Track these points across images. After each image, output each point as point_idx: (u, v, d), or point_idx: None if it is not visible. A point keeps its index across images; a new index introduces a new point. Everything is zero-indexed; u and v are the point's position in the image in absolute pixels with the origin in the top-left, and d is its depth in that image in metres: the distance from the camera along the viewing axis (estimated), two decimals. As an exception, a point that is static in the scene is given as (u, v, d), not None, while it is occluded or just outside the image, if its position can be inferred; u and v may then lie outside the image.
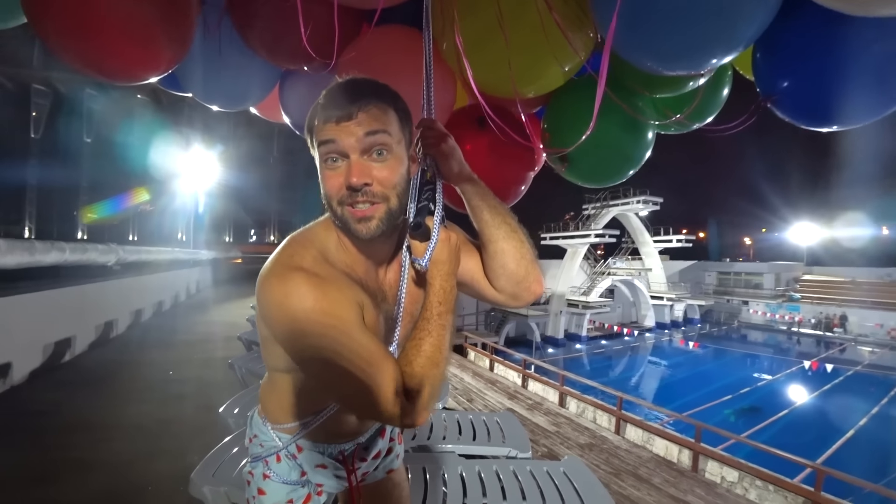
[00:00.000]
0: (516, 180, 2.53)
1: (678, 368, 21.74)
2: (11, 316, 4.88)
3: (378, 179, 0.83)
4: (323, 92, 0.88)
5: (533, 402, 6.74)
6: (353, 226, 0.85)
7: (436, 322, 0.87)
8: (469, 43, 1.90)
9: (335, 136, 0.82)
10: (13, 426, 3.74)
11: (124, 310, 7.99)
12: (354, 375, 0.79)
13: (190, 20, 2.23)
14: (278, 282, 0.81)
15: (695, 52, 1.64)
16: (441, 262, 0.90)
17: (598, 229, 26.19)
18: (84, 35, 1.95)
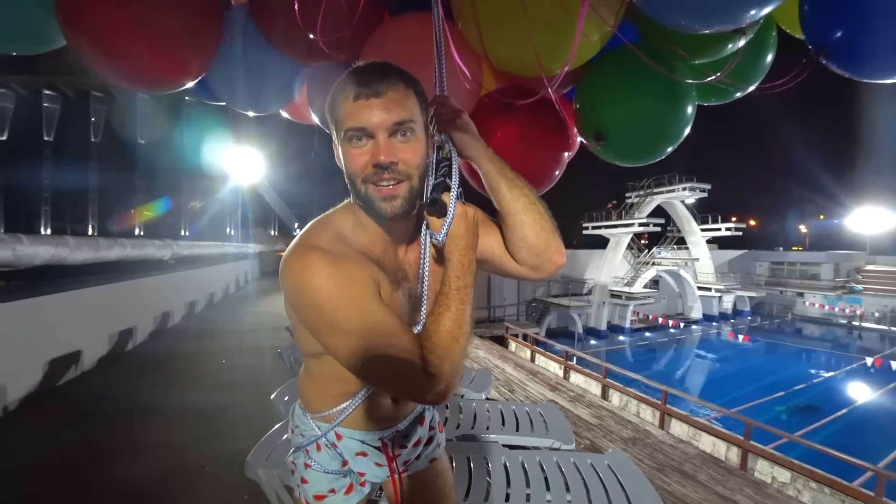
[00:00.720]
0: (550, 163, 2.46)
1: (727, 363, 20.92)
2: (81, 307, 5.25)
3: (403, 159, 0.87)
4: (346, 73, 0.90)
5: (575, 394, 6.66)
6: (377, 204, 0.88)
7: (454, 297, 0.87)
8: (488, 20, 1.85)
9: (362, 115, 0.85)
10: (84, 409, 4.03)
11: (179, 302, 8.43)
12: (371, 348, 0.82)
13: (215, 29, 2.38)
14: (295, 260, 0.86)
15: (730, 2, 1.49)
16: (458, 236, 0.89)
17: (642, 218, 25.38)
18: (116, 52, 2.11)
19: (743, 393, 14.66)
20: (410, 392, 0.87)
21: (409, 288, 1.00)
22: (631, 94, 2.19)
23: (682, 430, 6.32)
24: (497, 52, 1.99)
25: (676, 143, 2.33)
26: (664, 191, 26.71)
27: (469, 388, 2.84)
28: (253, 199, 23.20)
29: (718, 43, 1.93)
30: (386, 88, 0.86)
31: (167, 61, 2.26)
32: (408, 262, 1.01)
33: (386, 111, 0.85)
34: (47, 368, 4.47)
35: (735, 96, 2.36)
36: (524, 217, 0.99)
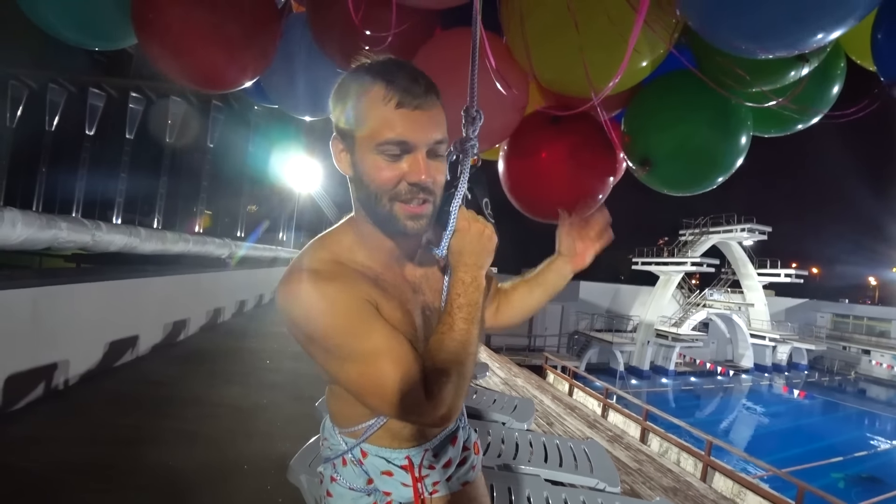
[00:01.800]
0: (595, 186, 2.41)
1: (778, 418, 19.58)
2: (144, 295, 5.56)
3: (435, 179, 0.85)
4: (376, 71, 0.82)
5: (613, 434, 6.39)
6: (402, 222, 0.84)
7: (457, 315, 0.84)
8: (536, 36, 1.81)
9: (406, 127, 0.80)
10: (137, 393, 4.23)
11: (231, 299, 8.78)
12: (366, 374, 0.80)
13: (273, 35, 2.56)
14: (288, 284, 0.83)
15: (794, 26, 1.40)
16: (462, 251, 0.87)
17: (696, 257, 24.47)
18: (180, 52, 2.32)
19: (795, 453, 13.66)
20: (410, 416, 0.85)
21: (425, 301, 0.97)
22: (681, 119, 2.14)
23: (725, 485, 5.92)
24: (544, 70, 1.96)
25: (728, 173, 2.24)
26: (721, 230, 25.69)
27: (511, 417, 2.78)
28: (307, 205, 24.05)
29: (779, 70, 1.85)
30: (431, 104, 0.82)
31: (226, 63, 2.46)
32: (420, 275, 0.99)
33: (431, 128, 0.82)
34: (107, 349, 4.73)
35: (796, 127, 2.27)
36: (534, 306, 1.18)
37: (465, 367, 0.83)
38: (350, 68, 0.87)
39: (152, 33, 2.29)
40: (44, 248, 3.83)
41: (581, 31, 1.64)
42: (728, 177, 2.23)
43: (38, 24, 2.46)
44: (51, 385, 3.90)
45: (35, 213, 3.48)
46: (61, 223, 3.69)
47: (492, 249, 0.90)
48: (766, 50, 1.55)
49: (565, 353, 23.07)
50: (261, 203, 25.66)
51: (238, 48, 2.41)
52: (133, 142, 27.00)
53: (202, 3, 2.25)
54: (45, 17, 2.43)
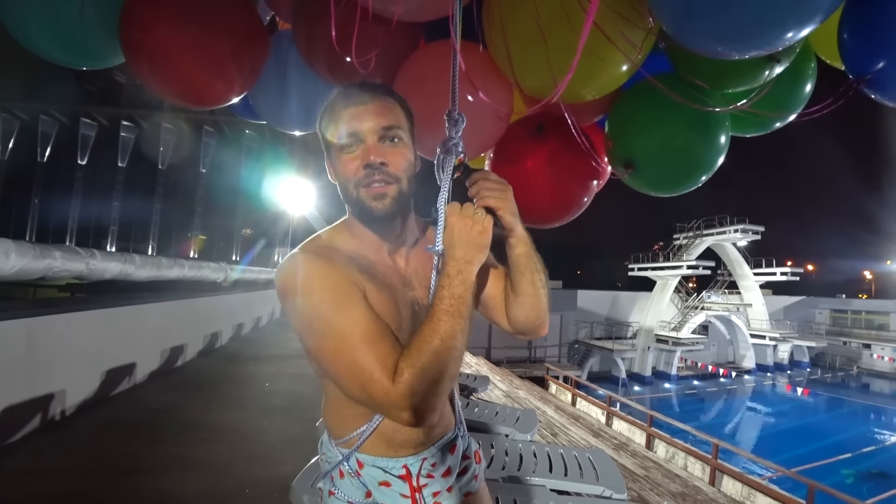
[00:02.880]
0: (578, 191, 2.46)
1: (783, 417, 19.50)
2: (140, 322, 5.53)
3: (391, 162, 0.92)
4: (335, 91, 0.99)
5: (618, 441, 6.35)
6: (368, 203, 0.93)
7: (439, 308, 0.85)
8: (517, 47, 1.88)
9: (353, 122, 0.92)
10: (135, 420, 4.18)
11: (228, 323, 8.73)
12: (342, 351, 0.83)
13: (261, 52, 2.57)
14: (283, 265, 0.92)
15: (763, 27, 1.46)
16: (452, 245, 0.90)
17: (691, 260, 24.57)
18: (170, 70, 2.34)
19: (802, 452, 13.59)
20: (380, 406, 0.85)
21: (414, 297, 1.00)
22: (661, 122, 2.18)
23: (734, 488, 5.87)
24: (525, 78, 2.03)
25: (709, 173, 2.28)
26: (714, 232, 25.85)
27: (514, 429, 2.76)
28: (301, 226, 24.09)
29: (752, 71, 1.92)
30: (373, 98, 0.94)
31: (214, 79, 2.49)
32: (411, 269, 1.04)
33: (374, 116, 0.92)
34: (104, 378, 4.68)
35: (774, 126, 2.32)
36: (533, 299, 1.05)
37: (443, 360, 0.82)
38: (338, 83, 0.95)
39: (140, 52, 2.31)
40: (38, 278, 3.81)
41: (549, 43, 1.72)
42: (710, 175, 2.28)
43: (23, 43, 2.44)
44: (47, 416, 3.85)
45: (29, 242, 3.47)
46: (55, 252, 3.68)
47: (482, 244, 0.91)
48: (737, 51, 1.60)
49: (566, 362, 22.98)
50: (255, 225, 25.69)
51: (226, 65, 2.43)
52: (125, 170, 27.12)
53: (189, 21, 2.26)
54: (32, 37, 2.42)
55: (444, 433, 1.09)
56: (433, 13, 1.88)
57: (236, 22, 2.39)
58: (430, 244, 0.98)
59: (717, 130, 2.17)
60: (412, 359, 0.81)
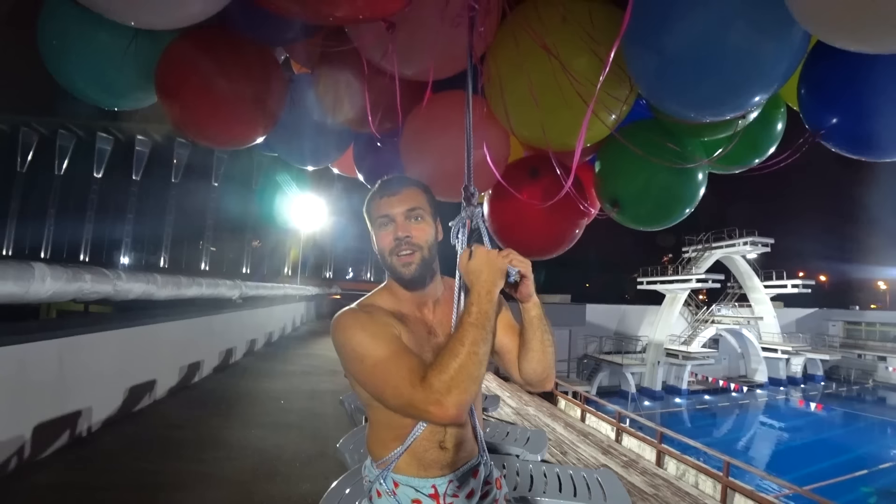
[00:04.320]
0: (569, 227, 2.71)
1: (797, 433, 19.18)
2: (161, 339, 5.70)
3: (415, 235, 1.19)
4: (376, 184, 1.26)
5: (628, 458, 6.37)
6: (399, 269, 1.19)
7: (467, 321, 1.04)
8: (513, 103, 2.14)
9: (386, 207, 1.20)
10: (157, 437, 4.32)
11: (241, 339, 8.89)
12: (378, 368, 1.05)
13: (281, 98, 2.79)
14: (337, 319, 1.16)
15: (729, 95, 1.68)
16: (476, 270, 1.11)
17: (700, 273, 24.37)
18: (200, 115, 2.59)
19: (817, 469, 13.37)
20: (412, 405, 1.00)
21: (437, 342, 1.22)
22: (644, 164, 2.35)
23: (747, 507, 5.85)
24: (521, 130, 2.29)
25: (692, 206, 2.51)
26: (723, 245, 25.66)
27: (525, 449, 2.85)
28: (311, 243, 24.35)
29: (725, 123, 2.12)
30: (402, 189, 1.22)
31: (239, 124, 2.72)
32: (437, 320, 1.27)
33: (402, 203, 1.20)
34: (127, 394, 4.84)
35: (753, 162, 2.48)
36: (541, 355, 1.23)
37: (468, 362, 0.98)
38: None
39: (174, 98, 2.54)
40: (69, 301, 3.99)
41: (539, 102, 1.98)
42: (693, 209, 2.51)
43: (66, 88, 2.65)
44: (75, 432, 4.01)
45: (62, 266, 3.65)
46: (86, 275, 3.86)
47: (503, 269, 1.13)
48: (707, 115, 1.85)
49: (575, 377, 22.87)
50: (265, 240, 25.99)
51: (250, 111, 2.65)
52: (139, 183, 27.62)
53: (218, 71, 2.46)
54: (74, 82, 2.64)
55: (468, 458, 1.25)
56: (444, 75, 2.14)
57: (261, 71, 2.59)
58: (452, 297, 1.23)
59: (696, 170, 2.39)
60: (439, 364, 1.00)
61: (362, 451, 2.28)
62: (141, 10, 1.81)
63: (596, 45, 1.83)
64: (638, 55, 1.76)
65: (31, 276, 3.29)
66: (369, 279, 28.62)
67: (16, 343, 3.44)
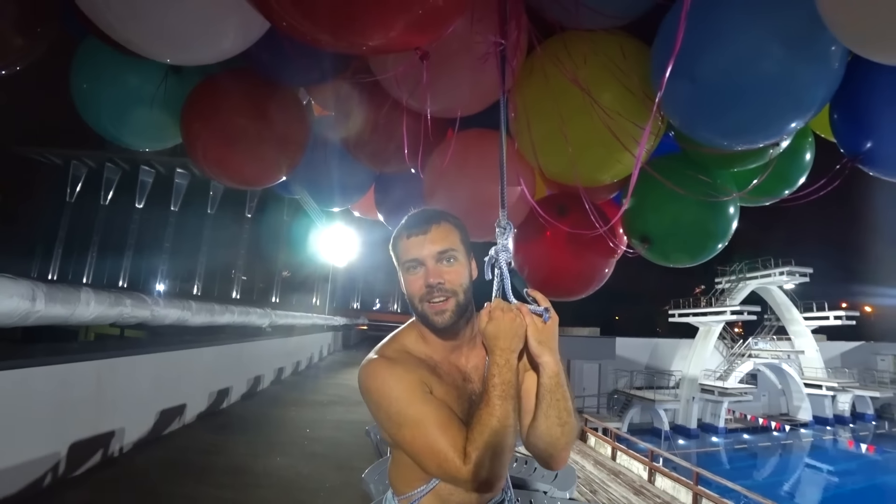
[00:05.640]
0: (599, 266, 2.63)
1: (848, 476, 17.89)
2: (193, 364, 5.84)
3: (448, 280, 1.08)
4: (404, 219, 1.15)
5: (662, 500, 6.08)
6: (431, 318, 1.08)
7: (493, 393, 1.00)
8: (541, 142, 2.12)
9: (414, 250, 1.09)
10: (186, 461, 4.37)
11: (269, 367, 9.00)
12: (417, 437, 1.00)
13: (303, 140, 2.84)
14: (364, 368, 1.09)
15: (763, 123, 1.65)
16: (496, 336, 1.05)
17: (735, 305, 23.37)
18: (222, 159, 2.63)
19: (872, 517, 12.38)
20: (454, 480, 0.99)
21: (472, 388, 1.15)
22: (674, 198, 2.31)
23: (794, 557, 5.45)
24: (549, 166, 2.28)
25: (724, 241, 2.44)
26: (759, 275, 24.68)
27: (553, 486, 2.76)
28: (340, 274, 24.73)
29: (756, 153, 2.09)
30: (431, 226, 1.10)
31: (261, 166, 2.76)
32: (471, 366, 1.17)
33: (432, 244, 1.09)
34: (158, 417, 4.95)
35: (783, 194, 2.44)
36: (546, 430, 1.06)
37: (501, 438, 0.97)
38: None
39: (197, 141, 2.62)
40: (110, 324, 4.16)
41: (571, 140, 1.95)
42: (725, 244, 2.44)
43: (96, 130, 2.81)
44: (108, 452, 4.11)
45: (105, 291, 3.83)
46: (126, 300, 4.03)
47: (522, 334, 1.06)
48: (741, 144, 1.81)
49: (605, 413, 22.04)
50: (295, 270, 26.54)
51: (272, 154, 2.71)
52: (177, 214, 28.85)
53: (242, 114, 2.53)
54: (104, 125, 2.78)
55: (492, 496, 1.21)
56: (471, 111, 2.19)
57: (285, 112, 2.66)
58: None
59: (727, 203, 2.34)
60: (476, 441, 0.97)
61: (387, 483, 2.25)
62: (175, 46, 1.87)
63: (626, 79, 1.84)
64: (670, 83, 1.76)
65: (77, 300, 3.46)
66: (396, 311, 28.73)
67: (58, 363, 3.60)
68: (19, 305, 2.88)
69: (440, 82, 1.89)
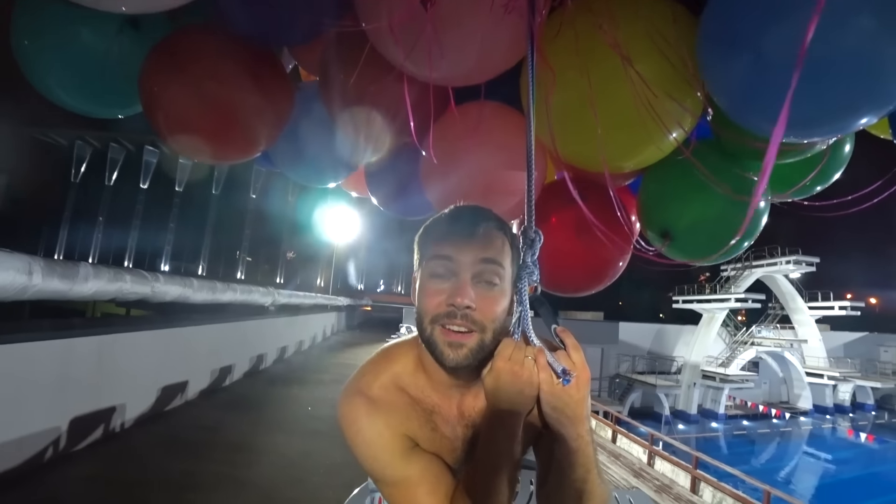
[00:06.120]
0: (614, 259, 2.33)
1: (845, 465, 17.99)
2: (193, 342, 5.85)
3: (481, 307, 0.78)
4: (447, 209, 0.88)
5: (661, 483, 6.10)
6: (441, 347, 0.79)
7: (483, 461, 0.80)
8: (561, 118, 1.80)
9: (452, 252, 0.80)
10: (187, 438, 4.40)
11: (273, 346, 9.05)
12: (395, 497, 0.86)
13: (286, 107, 2.41)
14: (343, 402, 0.88)
15: (831, 116, 1.36)
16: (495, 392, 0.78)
17: (740, 293, 23.28)
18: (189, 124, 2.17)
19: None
20: None
21: (475, 435, 0.90)
22: (699, 190, 2.05)
23: (790, 541, 5.49)
24: (566, 148, 1.95)
25: (751, 239, 2.18)
26: (764, 264, 24.53)
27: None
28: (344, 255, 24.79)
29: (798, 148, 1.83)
30: (481, 227, 0.82)
31: (235, 137, 2.32)
32: (480, 410, 0.90)
33: (476, 249, 0.80)
34: (160, 394, 4.98)
35: (815, 190, 2.19)
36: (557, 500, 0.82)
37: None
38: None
39: (158, 110, 2.18)
40: (109, 300, 4.15)
41: (600, 113, 1.65)
42: (752, 242, 2.19)
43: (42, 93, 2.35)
44: (109, 427, 4.13)
45: (104, 266, 3.80)
46: (126, 276, 4.00)
47: (530, 394, 0.76)
48: (798, 137, 1.51)
49: (607, 397, 22.23)
50: (300, 251, 26.59)
51: (248, 122, 2.28)
52: (181, 194, 28.89)
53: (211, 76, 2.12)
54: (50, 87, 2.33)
55: None
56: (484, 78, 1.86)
57: (261, 77, 2.23)
58: None
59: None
60: None
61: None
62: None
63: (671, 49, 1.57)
64: (721, 59, 1.45)
65: (76, 275, 3.44)
66: (400, 292, 28.75)
67: (60, 338, 3.60)
68: (16, 279, 2.85)
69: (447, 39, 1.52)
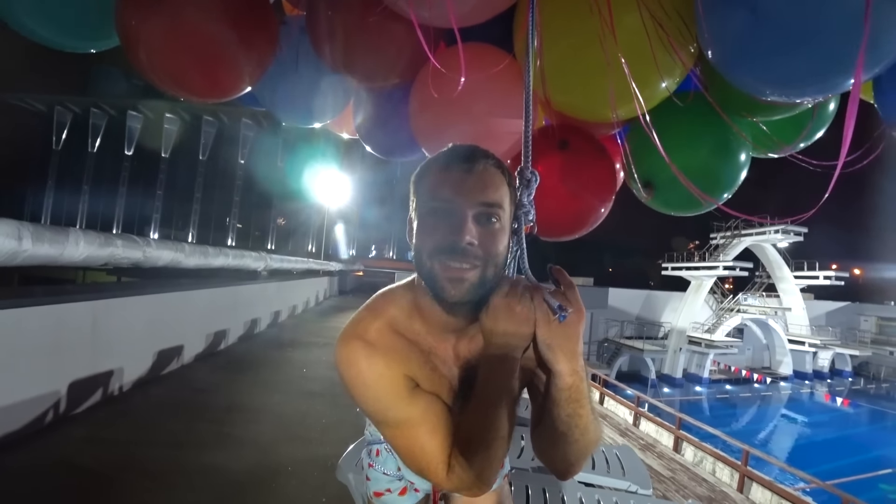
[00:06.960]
0: (599, 205, 2.40)
1: (820, 428, 18.80)
2: (189, 306, 5.87)
3: (483, 244, 0.80)
4: (444, 148, 0.88)
5: (645, 442, 6.35)
6: (440, 283, 0.81)
7: (481, 396, 0.83)
8: (554, 63, 1.79)
9: (450, 188, 0.81)
10: (184, 399, 4.47)
11: (266, 310, 9.10)
12: (398, 439, 0.89)
13: (270, 42, 2.32)
14: (341, 347, 0.89)
15: (821, 75, 1.36)
16: (491, 330, 0.82)
17: (728, 261, 23.73)
18: (170, 58, 2.10)
19: (839, 465, 13.14)
20: (438, 483, 0.90)
21: (472, 377, 0.91)
22: (683, 144, 2.10)
23: (764, 497, 5.77)
24: (559, 95, 1.96)
25: (730, 191, 2.24)
26: (753, 233, 24.85)
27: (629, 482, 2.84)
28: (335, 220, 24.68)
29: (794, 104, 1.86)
30: (481, 167, 0.83)
31: (218, 72, 2.24)
32: (476, 350, 0.92)
33: (477, 188, 0.81)
34: (156, 358, 5.02)
35: (798, 147, 2.22)
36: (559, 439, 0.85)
37: (489, 450, 0.83)
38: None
39: (137, 43, 2.08)
40: (101, 265, 4.13)
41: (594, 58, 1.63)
42: (732, 194, 2.24)
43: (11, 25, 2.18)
44: (107, 391, 4.18)
45: (95, 231, 3.76)
46: (117, 241, 3.97)
47: (526, 331, 0.81)
48: (788, 96, 1.52)
49: (595, 360, 22.81)
50: (290, 216, 26.38)
51: (231, 57, 2.20)
52: (168, 160, 28.28)
53: (191, 8, 2.04)
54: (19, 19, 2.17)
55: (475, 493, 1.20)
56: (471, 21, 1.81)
57: (243, 9, 2.15)
58: None
59: (739, 150, 2.14)
60: (462, 454, 0.85)
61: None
62: None
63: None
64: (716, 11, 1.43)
65: (66, 240, 3.41)
66: (392, 257, 28.76)
67: (53, 303, 3.59)
68: (5, 244, 2.82)
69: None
